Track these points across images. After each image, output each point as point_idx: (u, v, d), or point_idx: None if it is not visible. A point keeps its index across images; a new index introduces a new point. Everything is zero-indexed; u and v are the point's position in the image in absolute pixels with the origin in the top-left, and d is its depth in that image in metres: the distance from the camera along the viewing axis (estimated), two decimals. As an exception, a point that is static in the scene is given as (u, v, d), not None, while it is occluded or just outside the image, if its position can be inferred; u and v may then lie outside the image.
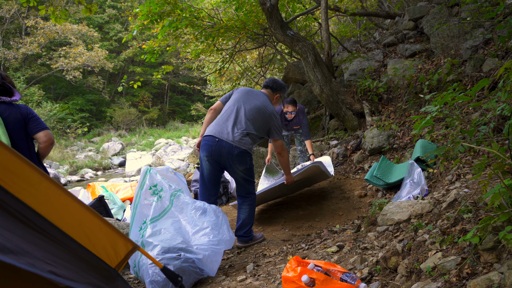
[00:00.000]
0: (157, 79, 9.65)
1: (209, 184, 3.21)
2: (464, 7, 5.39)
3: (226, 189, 5.33)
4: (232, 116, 3.14)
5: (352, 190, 4.46)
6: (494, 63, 4.08)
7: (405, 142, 4.76)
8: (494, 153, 1.58)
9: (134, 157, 13.32)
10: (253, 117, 3.16)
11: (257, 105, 3.20)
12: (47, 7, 4.95)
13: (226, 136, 3.05)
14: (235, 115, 3.15)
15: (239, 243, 3.30)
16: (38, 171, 0.98)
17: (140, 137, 20.00)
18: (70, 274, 0.82)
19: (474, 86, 1.70)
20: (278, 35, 5.93)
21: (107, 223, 1.14)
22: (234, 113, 3.15)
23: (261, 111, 3.20)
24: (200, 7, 7.72)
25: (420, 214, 2.41)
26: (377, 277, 1.96)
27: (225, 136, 3.06)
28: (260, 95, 3.31)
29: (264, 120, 3.20)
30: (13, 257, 0.69)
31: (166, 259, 2.40)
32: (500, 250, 1.51)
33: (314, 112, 7.51)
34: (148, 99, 26.05)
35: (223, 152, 3.05)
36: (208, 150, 3.08)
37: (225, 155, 3.05)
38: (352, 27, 9.15)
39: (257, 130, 3.18)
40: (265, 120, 3.21)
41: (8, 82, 2.55)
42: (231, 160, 3.07)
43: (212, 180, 3.20)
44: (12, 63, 18.49)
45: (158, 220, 2.66)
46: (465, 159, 2.90)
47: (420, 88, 5.16)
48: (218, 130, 3.09)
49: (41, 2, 11.44)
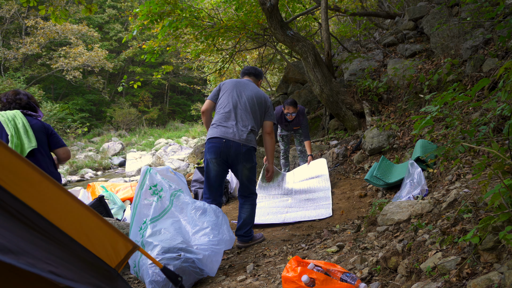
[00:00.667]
0: (157, 79, 9.65)
1: (216, 185, 3.21)
2: (464, 7, 5.39)
3: (226, 189, 5.33)
4: (232, 114, 3.14)
5: (352, 190, 4.46)
6: (494, 63, 4.08)
7: (405, 142, 4.76)
8: (494, 153, 1.58)
9: (134, 157, 13.32)
10: (251, 109, 3.17)
11: (251, 95, 3.21)
12: (47, 7, 4.95)
13: (232, 136, 3.06)
14: (234, 113, 3.15)
15: (239, 243, 3.30)
16: (38, 171, 0.98)
17: (140, 137, 19.99)
18: (70, 274, 0.83)
19: (474, 86, 1.70)
20: (278, 35, 5.93)
21: (107, 223, 1.14)
22: (233, 112, 3.15)
23: (257, 99, 3.22)
24: (200, 7, 7.72)
25: (420, 214, 2.41)
26: (377, 277, 1.96)
27: (231, 136, 3.07)
28: (249, 84, 3.31)
29: (261, 107, 3.24)
30: (13, 257, 0.69)
31: (166, 259, 2.40)
32: (500, 250, 1.51)
33: (314, 112, 7.51)
34: (148, 99, 26.04)
35: (231, 152, 3.08)
36: (216, 152, 3.08)
37: (233, 154, 3.08)
38: (352, 27, 9.15)
39: (257, 123, 3.22)
40: (262, 106, 3.24)
41: (33, 101, 2.92)
42: (239, 159, 3.10)
43: (218, 181, 3.21)
44: (12, 63, 18.49)
45: (158, 220, 2.66)
46: (465, 159, 2.89)
47: (420, 88, 5.16)
48: (223, 131, 3.09)
49: (41, 2, 11.44)
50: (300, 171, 5.12)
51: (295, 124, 5.11)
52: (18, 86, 16.67)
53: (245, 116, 3.14)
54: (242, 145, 3.07)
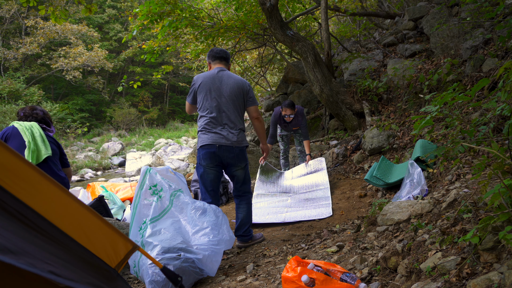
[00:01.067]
0: (157, 79, 9.65)
1: (215, 188, 3.22)
2: (464, 7, 5.39)
3: (226, 189, 5.33)
4: (218, 119, 3.10)
5: (352, 190, 4.46)
6: (494, 63, 4.08)
7: (405, 142, 4.76)
8: (494, 153, 1.58)
9: (134, 157, 13.32)
10: (233, 106, 3.12)
11: (229, 90, 3.11)
12: (47, 7, 4.95)
13: (224, 141, 3.08)
14: (219, 117, 3.10)
15: (239, 243, 3.31)
16: (38, 171, 0.98)
17: (140, 137, 19.98)
18: (70, 274, 0.83)
19: (474, 86, 1.70)
20: (278, 35, 5.93)
21: (107, 223, 1.14)
22: (218, 116, 3.09)
23: (236, 90, 3.14)
24: (200, 7, 7.72)
25: (420, 214, 2.41)
26: (377, 277, 1.96)
27: (224, 141, 3.08)
28: (223, 75, 3.15)
29: (241, 97, 3.17)
30: (13, 257, 0.69)
31: (166, 259, 2.40)
32: (500, 250, 1.51)
33: (314, 112, 7.52)
34: (148, 99, 26.03)
35: (226, 156, 3.11)
36: (210, 158, 3.10)
37: (228, 157, 3.12)
38: (352, 27, 9.15)
39: (242, 116, 3.21)
40: (242, 95, 3.17)
41: (47, 117, 3.18)
42: (234, 161, 3.14)
43: (215, 184, 3.22)
44: (12, 63, 18.49)
45: (158, 220, 2.66)
46: (465, 159, 2.90)
47: (420, 88, 5.16)
48: (214, 138, 3.08)
49: (41, 2, 11.43)
50: (298, 168, 5.14)
51: (294, 125, 5.13)
52: (18, 86, 16.68)
53: (231, 117, 3.11)
54: (235, 147, 3.11)
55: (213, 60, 3.28)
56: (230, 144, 3.09)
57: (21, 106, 15.89)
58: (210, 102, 3.10)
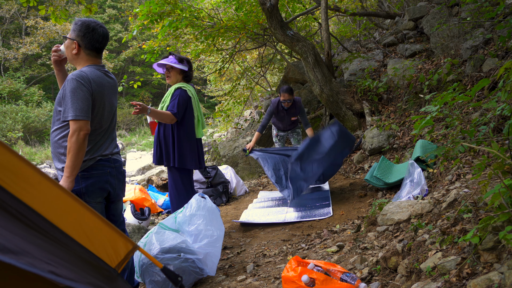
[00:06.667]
0: (157, 79, 9.63)
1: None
2: (464, 7, 5.39)
3: (226, 189, 5.33)
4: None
5: (352, 190, 4.46)
6: (494, 63, 4.08)
7: (405, 142, 4.76)
8: (494, 153, 1.58)
9: (134, 157, 13.31)
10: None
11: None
12: (47, 7, 4.95)
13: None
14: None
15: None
16: (38, 171, 0.98)
17: (140, 137, 19.97)
18: (70, 274, 0.82)
19: (474, 86, 1.70)
20: (278, 35, 5.93)
21: (107, 223, 1.14)
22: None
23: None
24: (200, 7, 7.72)
25: (420, 214, 2.41)
26: (377, 277, 1.96)
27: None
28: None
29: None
30: (13, 257, 0.69)
31: (166, 259, 2.40)
32: (500, 250, 1.51)
33: (314, 112, 7.51)
34: (148, 99, 26.01)
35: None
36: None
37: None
38: (352, 27, 9.15)
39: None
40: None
41: None
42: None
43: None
44: (12, 63, 18.49)
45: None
46: (465, 159, 2.90)
47: (420, 88, 5.16)
48: None
49: (41, 2, 11.42)
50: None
51: (293, 114, 4.94)
52: (18, 86, 16.68)
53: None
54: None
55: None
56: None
57: (21, 106, 15.94)
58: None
